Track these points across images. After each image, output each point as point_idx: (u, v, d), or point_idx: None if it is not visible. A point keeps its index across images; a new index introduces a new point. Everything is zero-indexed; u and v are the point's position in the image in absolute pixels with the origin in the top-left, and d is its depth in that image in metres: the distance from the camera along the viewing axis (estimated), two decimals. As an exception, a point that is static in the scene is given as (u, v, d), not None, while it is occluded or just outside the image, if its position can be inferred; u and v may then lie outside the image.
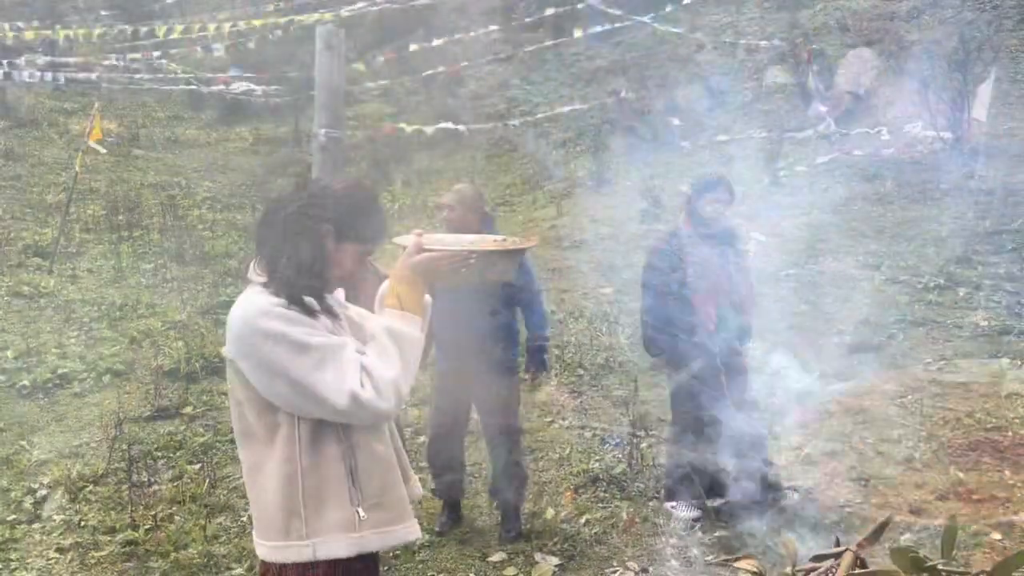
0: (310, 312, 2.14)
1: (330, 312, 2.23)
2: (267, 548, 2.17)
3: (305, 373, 2.04)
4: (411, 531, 2.28)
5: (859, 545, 2.45)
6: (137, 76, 15.48)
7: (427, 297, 2.30)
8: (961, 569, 2.04)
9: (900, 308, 7.90)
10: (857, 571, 2.25)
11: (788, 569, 2.29)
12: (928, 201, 10.60)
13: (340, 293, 2.44)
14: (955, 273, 8.45)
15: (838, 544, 2.54)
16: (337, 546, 2.13)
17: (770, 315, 8.20)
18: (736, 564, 2.40)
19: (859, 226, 9.82)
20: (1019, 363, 6.44)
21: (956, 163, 11.28)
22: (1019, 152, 11.31)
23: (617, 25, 15.21)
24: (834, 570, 2.39)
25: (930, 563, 2.03)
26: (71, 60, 16.32)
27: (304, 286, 2.15)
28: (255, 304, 2.13)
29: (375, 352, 2.13)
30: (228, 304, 2.39)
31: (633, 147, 15.03)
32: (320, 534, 2.14)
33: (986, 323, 7.28)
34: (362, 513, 2.17)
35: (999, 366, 6.45)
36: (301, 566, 2.14)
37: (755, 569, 2.31)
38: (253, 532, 2.26)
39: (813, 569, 2.50)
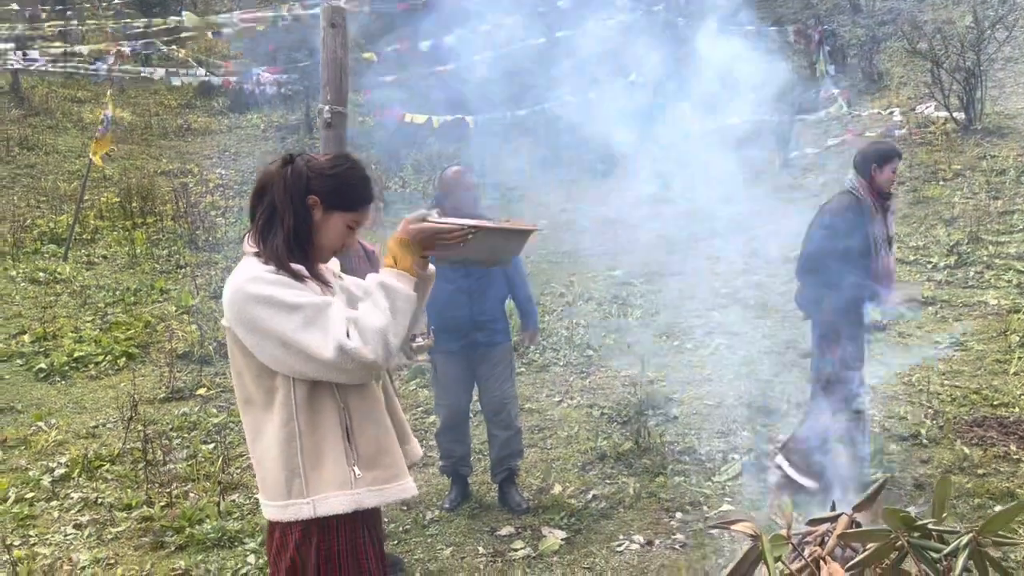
0: (298, 277, 2.22)
1: (320, 279, 2.31)
2: (272, 508, 2.26)
3: (293, 332, 2.12)
4: (406, 488, 2.34)
5: (855, 509, 2.49)
6: (148, 69, 15.57)
7: (431, 267, 2.36)
8: (952, 528, 2.07)
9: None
10: (851, 531, 2.29)
11: (784, 531, 2.32)
12: (939, 182, 10.56)
13: (335, 264, 2.50)
14: (966, 253, 8.44)
15: (834, 508, 2.58)
16: (335, 503, 2.21)
17: (779, 295, 8.23)
18: (734, 528, 2.44)
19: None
20: (1028, 341, 6.45)
21: (968, 143, 11.22)
22: (1032, 132, 11.24)
23: (625, 16, 15.16)
24: (830, 533, 2.43)
25: (921, 522, 2.06)
26: (84, 49, 16.42)
27: (294, 255, 2.24)
28: (246, 271, 2.21)
29: (366, 305, 2.20)
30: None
31: (643, 132, 15.00)
32: (319, 492, 2.22)
33: (995, 302, 7.27)
34: (358, 471, 2.25)
35: (1008, 344, 6.44)
36: (304, 523, 2.22)
37: (752, 532, 2.35)
38: (259, 495, 2.33)
39: (810, 532, 2.54)
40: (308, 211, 2.26)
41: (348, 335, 2.12)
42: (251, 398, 2.26)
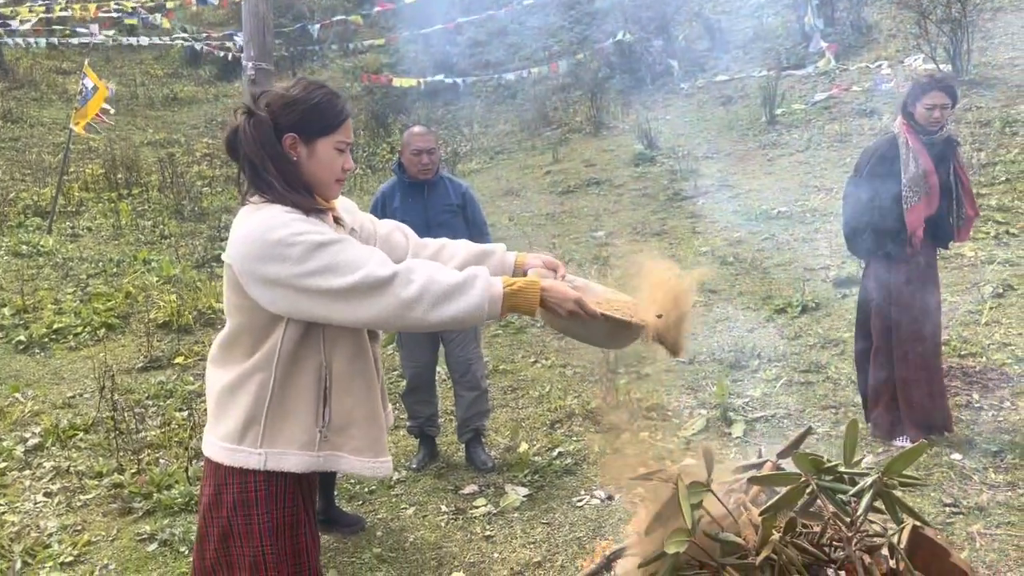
0: (316, 214, 2.15)
1: (335, 218, 2.24)
2: (219, 448, 2.16)
3: (315, 270, 2.01)
4: (379, 466, 2.23)
5: (779, 455, 2.51)
6: (132, 37, 15.43)
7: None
8: (861, 470, 2.08)
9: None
10: (761, 473, 2.30)
11: (702, 479, 2.34)
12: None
13: (350, 203, 2.44)
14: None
15: (760, 456, 2.60)
16: (293, 460, 2.13)
17: (758, 251, 8.21)
18: (655, 477, 2.46)
19: (852, 162, 9.72)
20: (1001, 291, 6.42)
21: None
22: (1019, 83, 11.10)
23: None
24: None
25: (830, 464, 2.07)
26: (67, 15, 16.27)
27: (303, 199, 2.14)
28: (266, 211, 2.10)
29: (444, 266, 2.12)
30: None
31: (631, 91, 14.88)
32: (275, 446, 2.13)
33: (972, 254, 7.24)
34: (326, 434, 2.15)
35: (981, 295, 6.43)
36: (244, 472, 2.13)
37: (672, 480, 2.37)
38: (206, 432, 2.22)
39: (737, 480, 2.56)
40: (288, 153, 2.15)
41: (385, 264, 2.02)
42: (236, 337, 2.16)
